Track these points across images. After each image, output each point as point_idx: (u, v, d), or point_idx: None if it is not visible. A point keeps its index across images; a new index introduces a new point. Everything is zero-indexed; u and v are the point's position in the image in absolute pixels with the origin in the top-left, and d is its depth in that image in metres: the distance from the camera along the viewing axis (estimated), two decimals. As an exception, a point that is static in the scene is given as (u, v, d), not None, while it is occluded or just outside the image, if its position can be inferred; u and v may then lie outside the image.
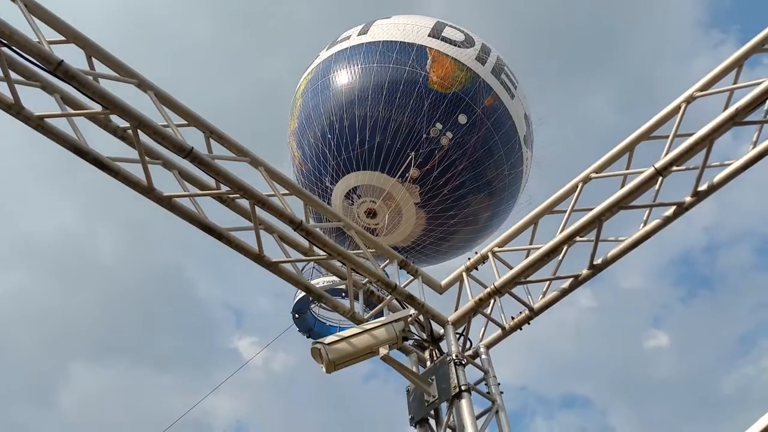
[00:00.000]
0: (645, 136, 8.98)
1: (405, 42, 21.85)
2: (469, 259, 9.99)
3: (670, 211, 8.47)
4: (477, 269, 9.91)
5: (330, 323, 23.31)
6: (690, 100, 8.57)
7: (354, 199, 21.92)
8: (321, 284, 15.27)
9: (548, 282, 9.27)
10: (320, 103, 22.20)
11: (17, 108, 6.94)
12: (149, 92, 7.82)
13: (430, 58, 21.45)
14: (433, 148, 20.85)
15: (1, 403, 51.38)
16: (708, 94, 8.54)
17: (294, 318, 22.06)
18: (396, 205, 21.58)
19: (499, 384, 8.79)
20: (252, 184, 8.02)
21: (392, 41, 21.99)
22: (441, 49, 21.70)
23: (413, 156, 20.62)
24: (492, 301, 9.39)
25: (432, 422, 8.54)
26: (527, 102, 23.62)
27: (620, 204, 8.47)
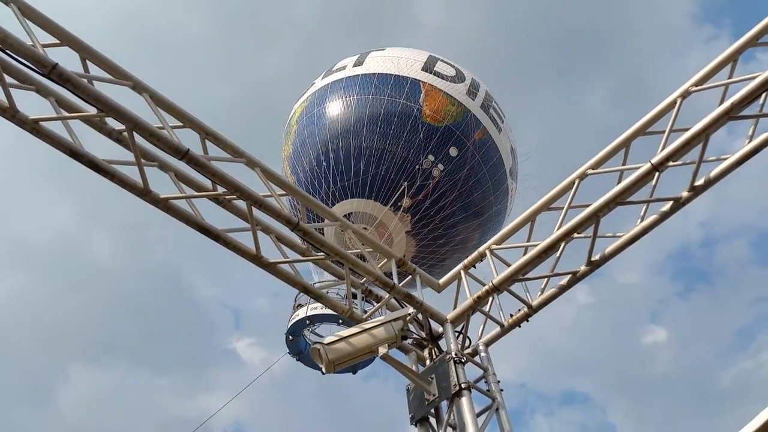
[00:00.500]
0: (641, 132, 8.98)
1: (399, 75, 22.57)
2: (467, 258, 9.99)
3: (667, 207, 8.47)
4: (475, 267, 9.89)
5: None
6: (685, 95, 8.58)
7: (347, 226, 22.50)
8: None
9: (546, 279, 9.27)
10: (316, 131, 22.82)
11: (12, 111, 6.92)
12: (144, 94, 7.79)
13: (424, 92, 22.15)
14: (426, 179, 21.52)
15: (0, 405, 51.32)
16: (703, 89, 8.54)
17: (287, 339, 22.42)
18: (388, 234, 22.07)
19: (499, 381, 8.80)
20: (248, 185, 8.00)
21: (387, 74, 22.68)
22: (434, 84, 22.43)
23: (406, 186, 21.24)
24: (490, 299, 9.38)
25: (432, 421, 8.52)
26: (513, 135, 24.55)
27: (617, 200, 8.46)
